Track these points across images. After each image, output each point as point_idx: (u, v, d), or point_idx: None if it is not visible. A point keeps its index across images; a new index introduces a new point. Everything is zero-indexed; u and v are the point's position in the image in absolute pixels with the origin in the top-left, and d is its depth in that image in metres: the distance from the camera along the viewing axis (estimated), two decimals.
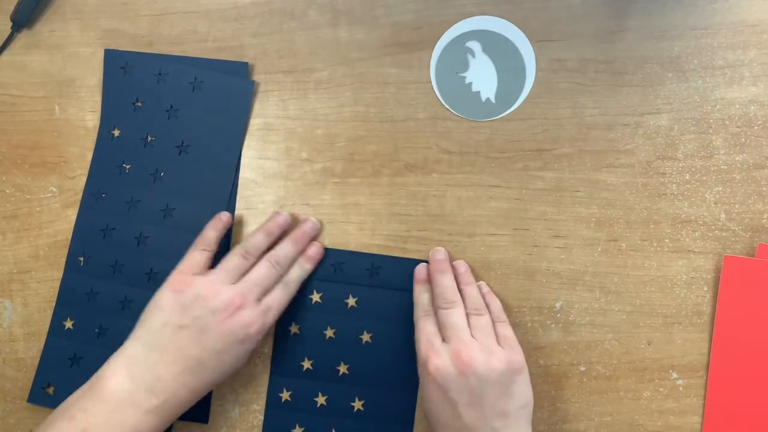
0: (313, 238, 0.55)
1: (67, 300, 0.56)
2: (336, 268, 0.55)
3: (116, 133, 0.57)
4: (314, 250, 0.55)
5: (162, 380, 0.48)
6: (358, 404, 0.55)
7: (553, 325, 0.56)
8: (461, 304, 0.52)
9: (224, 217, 0.54)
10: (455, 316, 0.51)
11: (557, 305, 0.56)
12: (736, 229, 0.55)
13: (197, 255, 0.52)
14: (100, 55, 0.57)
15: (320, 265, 0.55)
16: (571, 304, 0.56)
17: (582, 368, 0.56)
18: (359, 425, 0.55)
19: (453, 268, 0.54)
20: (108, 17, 0.57)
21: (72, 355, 0.56)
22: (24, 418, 0.57)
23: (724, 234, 0.55)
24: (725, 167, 0.55)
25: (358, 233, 0.56)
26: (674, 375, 0.55)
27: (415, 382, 0.54)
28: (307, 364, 0.55)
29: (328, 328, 0.55)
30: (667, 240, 0.55)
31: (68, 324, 0.56)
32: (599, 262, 0.56)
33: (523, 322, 0.56)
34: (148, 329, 0.49)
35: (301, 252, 0.54)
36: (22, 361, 0.57)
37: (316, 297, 0.55)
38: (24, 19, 0.56)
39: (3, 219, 0.57)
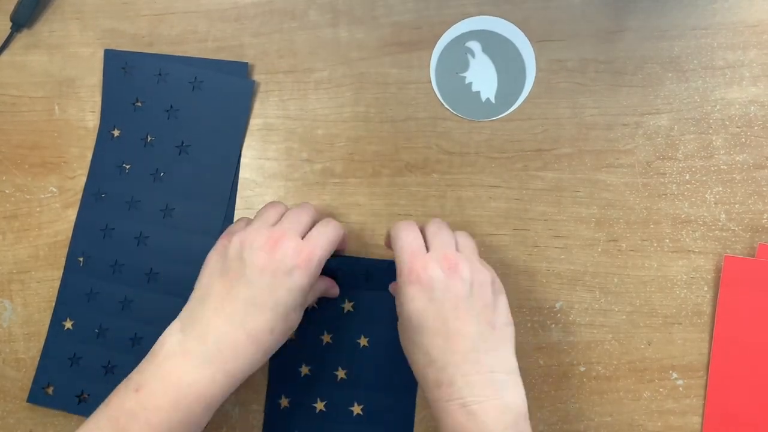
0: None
1: (66, 300, 0.56)
2: (332, 274, 0.55)
3: (116, 133, 0.57)
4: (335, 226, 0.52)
5: (212, 326, 0.46)
6: (357, 409, 0.55)
7: (553, 325, 0.56)
8: (450, 229, 0.50)
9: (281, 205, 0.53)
10: (445, 232, 0.49)
11: (557, 305, 0.56)
12: (736, 229, 0.55)
13: (242, 222, 0.51)
14: (100, 55, 0.57)
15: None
16: (571, 305, 0.56)
17: (582, 368, 0.56)
18: (359, 429, 0.55)
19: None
20: (108, 17, 0.57)
21: (72, 355, 0.56)
22: (24, 418, 0.57)
23: (724, 234, 0.55)
24: (725, 167, 0.55)
25: (358, 233, 0.56)
26: (674, 375, 0.55)
27: (414, 385, 0.54)
28: (305, 370, 0.55)
29: (325, 333, 0.55)
30: (667, 240, 0.55)
31: (68, 324, 0.56)
32: (599, 262, 0.56)
33: (523, 322, 0.56)
34: (197, 288, 0.48)
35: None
36: (22, 361, 0.57)
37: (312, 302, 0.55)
38: (24, 19, 0.56)
39: (3, 219, 0.57)
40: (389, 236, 0.51)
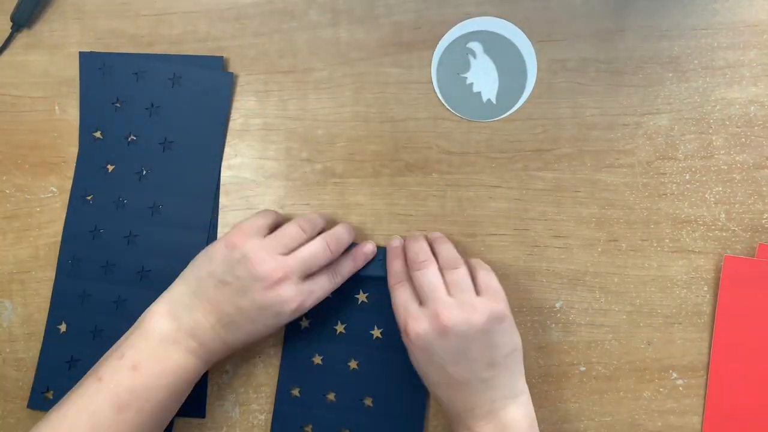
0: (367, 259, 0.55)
1: (60, 303, 0.56)
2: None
3: (98, 134, 0.57)
4: (369, 248, 0.54)
5: (200, 326, 0.50)
6: (368, 401, 0.55)
7: (553, 325, 0.56)
8: (434, 262, 0.51)
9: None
10: (429, 275, 0.50)
11: (557, 305, 0.56)
12: (736, 229, 0.55)
13: (260, 219, 0.52)
14: None
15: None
16: (571, 304, 0.56)
17: (582, 368, 0.56)
18: (370, 421, 0.55)
19: (427, 237, 0.54)
20: (108, 17, 0.57)
21: (69, 358, 0.56)
22: (24, 417, 0.57)
23: (724, 234, 0.55)
24: (725, 167, 0.55)
25: (358, 233, 0.56)
26: (674, 375, 0.55)
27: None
28: (317, 360, 0.55)
29: (339, 323, 0.55)
30: (667, 240, 0.55)
31: (63, 328, 0.56)
32: (599, 262, 0.56)
33: (523, 322, 0.56)
34: (194, 274, 0.50)
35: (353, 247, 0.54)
36: (22, 361, 0.57)
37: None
38: (24, 19, 0.56)
39: (3, 219, 0.57)
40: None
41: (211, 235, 0.56)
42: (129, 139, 0.56)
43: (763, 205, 0.55)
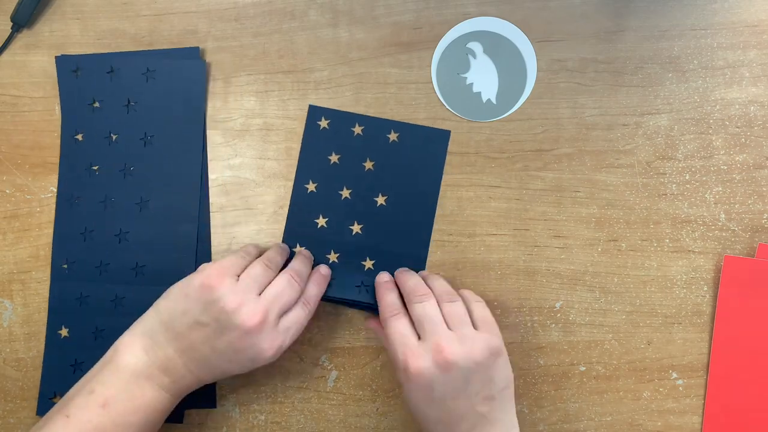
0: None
1: (58, 308, 0.56)
2: (357, 137, 0.55)
3: (79, 137, 0.57)
4: (325, 269, 0.55)
5: (172, 362, 0.49)
6: (368, 263, 0.55)
7: (553, 325, 0.56)
8: (433, 296, 0.51)
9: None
10: (429, 308, 0.49)
11: (557, 305, 0.56)
12: (736, 229, 0.55)
13: (239, 259, 0.51)
14: None
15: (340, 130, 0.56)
16: (571, 304, 0.56)
17: (582, 368, 0.56)
18: (369, 281, 0.55)
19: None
20: (108, 17, 0.57)
21: (73, 362, 0.56)
22: (24, 417, 0.57)
23: (724, 234, 0.55)
24: (725, 167, 0.55)
25: None
26: (674, 375, 0.55)
27: (426, 245, 0.55)
28: (321, 222, 0.56)
29: (344, 188, 0.56)
30: (667, 240, 0.55)
31: (63, 332, 0.56)
32: (599, 262, 0.56)
33: (523, 322, 0.56)
34: (168, 309, 0.49)
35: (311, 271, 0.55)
36: (22, 361, 0.57)
37: (334, 158, 0.56)
38: (24, 19, 0.56)
39: (3, 219, 0.57)
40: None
41: (201, 227, 0.56)
42: (111, 137, 0.56)
43: (763, 205, 0.55)
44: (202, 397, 0.55)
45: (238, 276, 0.50)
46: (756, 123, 0.55)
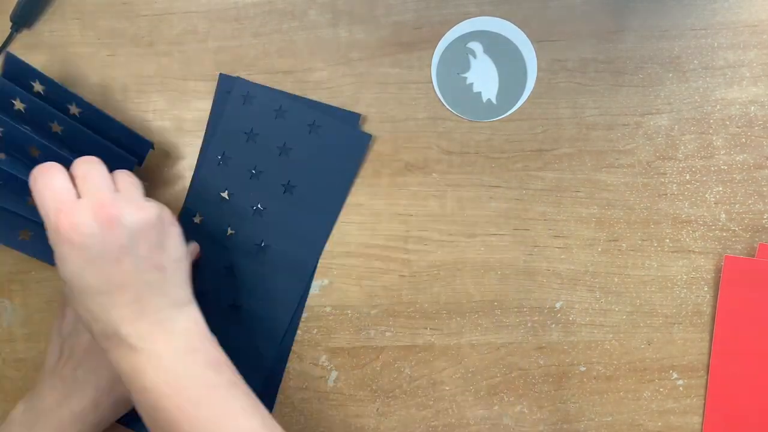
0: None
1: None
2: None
3: (222, 159, 0.56)
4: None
5: (46, 403, 0.50)
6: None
7: (553, 325, 0.56)
8: (102, 163, 0.45)
9: None
10: (97, 168, 0.44)
11: (557, 305, 0.56)
12: (737, 229, 0.55)
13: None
14: (101, 55, 0.57)
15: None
16: (571, 304, 0.56)
17: (582, 368, 0.56)
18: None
19: None
20: (108, 17, 0.57)
21: None
22: None
23: (724, 234, 0.55)
24: (725, 167, 0.55)
25: (358, 233, 0.56)
26: (674, 375, 0.55)
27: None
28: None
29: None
30: (667, 240, 0.55)
31: None
32: (599, 262, 0.56)
33: (523, 322, 0.56)
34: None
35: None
36: (22, 361, 0.57)
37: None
38: (24, 19, 0.56)
39: None
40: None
41: (305, 288, 0.56)
42: (253, 171, 0.56)
43: (763, 205, 0.55)
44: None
45: None
46: (756, 123, 0.55)
